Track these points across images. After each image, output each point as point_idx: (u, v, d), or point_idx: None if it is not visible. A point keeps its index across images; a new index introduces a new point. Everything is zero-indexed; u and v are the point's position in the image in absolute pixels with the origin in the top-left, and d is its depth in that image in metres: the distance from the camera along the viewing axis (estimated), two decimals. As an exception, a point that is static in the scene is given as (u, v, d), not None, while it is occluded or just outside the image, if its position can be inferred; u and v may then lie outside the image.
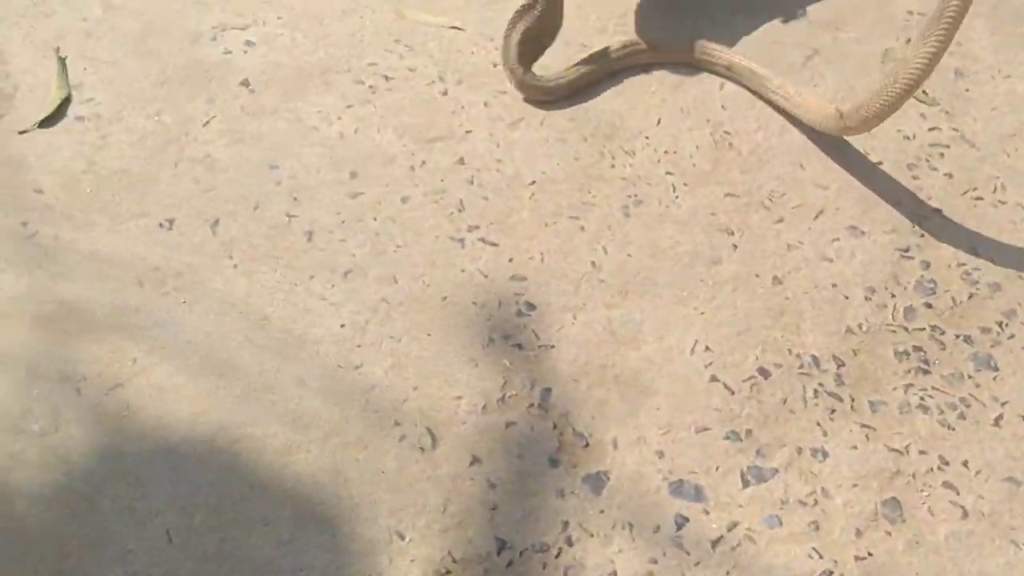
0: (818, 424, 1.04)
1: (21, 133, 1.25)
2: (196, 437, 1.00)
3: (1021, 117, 1.34)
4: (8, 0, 1.37)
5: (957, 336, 1.11)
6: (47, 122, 1.26)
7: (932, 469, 1.01)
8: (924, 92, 1.33)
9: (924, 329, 1.12)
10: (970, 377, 1.08)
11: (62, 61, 1.32)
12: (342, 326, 1.10)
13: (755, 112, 1.33)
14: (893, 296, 1.15)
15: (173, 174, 1.22)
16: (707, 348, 1.10)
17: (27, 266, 1.12)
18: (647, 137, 1.29)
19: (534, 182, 1.24)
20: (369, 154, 1.25)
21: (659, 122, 1.31)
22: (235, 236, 1.17)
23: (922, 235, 1.20)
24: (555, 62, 1.33)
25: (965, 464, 1.01)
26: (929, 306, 1.14)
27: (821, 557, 0.94)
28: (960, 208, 1.23)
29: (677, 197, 1.24)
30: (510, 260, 1.17)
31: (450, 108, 1.30)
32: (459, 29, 1.39)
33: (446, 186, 1.23)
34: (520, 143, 1.27)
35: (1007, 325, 1.12)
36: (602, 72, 1.33)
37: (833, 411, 1.05)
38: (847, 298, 1.14)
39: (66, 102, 1.27)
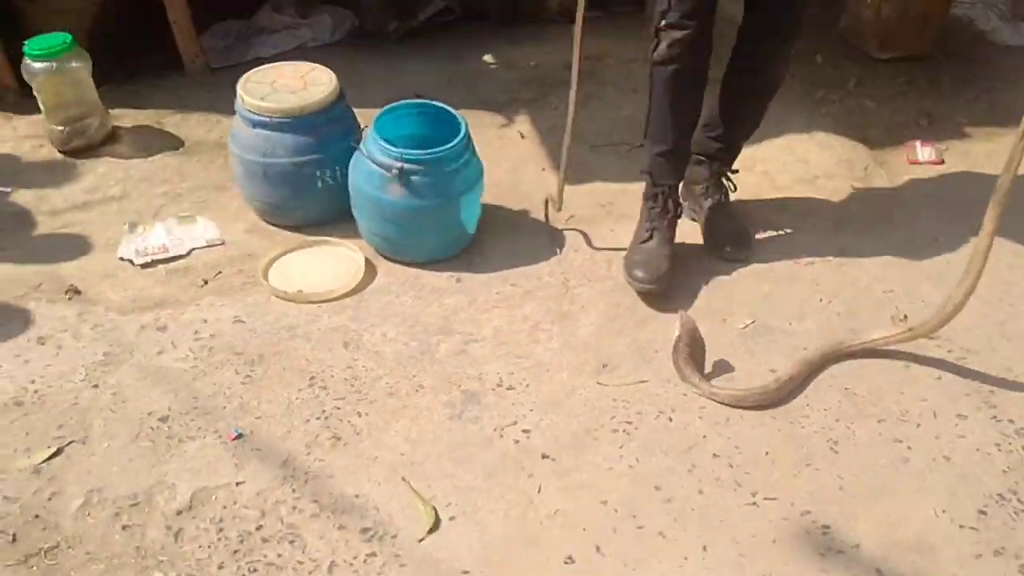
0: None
1: (420, 541, 1.64)
2: None
3: None
4: (337, 454, 1.81)
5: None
6: (434, 528, 1.66)
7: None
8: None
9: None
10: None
11: (409, 484, 1.75)
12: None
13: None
14: None
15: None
16: None
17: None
18: (809, 404, 1.93)
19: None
20: (659, 472, 1.77)
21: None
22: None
23: None
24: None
25: None
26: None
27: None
28: None
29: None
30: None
31: (683, 426, 1.88)
32: (645, 382, 2.00)
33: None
34: (742, 436, 1.86)
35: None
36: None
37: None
38: None
39: (435, 510, 1.69)
